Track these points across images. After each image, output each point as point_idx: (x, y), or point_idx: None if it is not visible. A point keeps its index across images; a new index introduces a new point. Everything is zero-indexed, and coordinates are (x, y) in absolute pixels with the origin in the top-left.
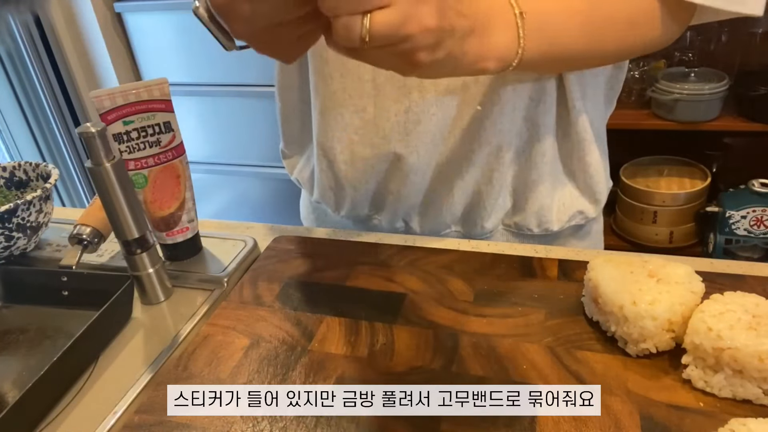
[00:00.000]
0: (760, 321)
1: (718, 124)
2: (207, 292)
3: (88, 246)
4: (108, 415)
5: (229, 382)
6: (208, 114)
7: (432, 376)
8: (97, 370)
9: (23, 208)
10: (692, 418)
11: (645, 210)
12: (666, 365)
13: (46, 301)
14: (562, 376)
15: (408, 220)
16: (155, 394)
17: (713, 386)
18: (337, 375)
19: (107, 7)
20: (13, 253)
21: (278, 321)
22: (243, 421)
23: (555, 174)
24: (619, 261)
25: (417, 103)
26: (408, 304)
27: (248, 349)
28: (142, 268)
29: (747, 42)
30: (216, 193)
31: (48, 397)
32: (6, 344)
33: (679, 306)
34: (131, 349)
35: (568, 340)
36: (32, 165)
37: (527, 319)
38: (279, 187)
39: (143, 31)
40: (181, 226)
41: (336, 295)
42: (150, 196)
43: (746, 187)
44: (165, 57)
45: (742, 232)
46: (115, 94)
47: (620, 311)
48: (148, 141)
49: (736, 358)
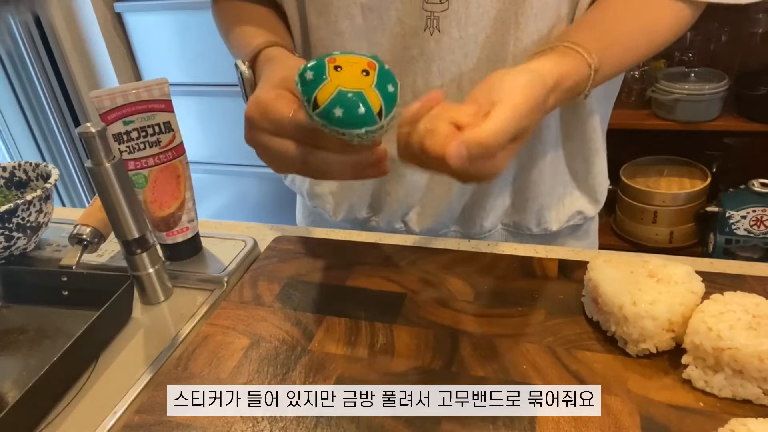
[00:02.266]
0: (760, 321)
1: (718, 124)
2: (207, 292)
3: (88, 246)
4: (108, 415)
5: (229, 382)
6: (208, 114)
7: (432, 376)
8: (97, 370)
9: (23, 208)
10: (692, 418)
11: (645, 210)
12: (666, 365)
13: (46, 301)
14: (562, 376)
15: (406, 220)
16: (155, 394)
17: (713, 386)
18: (337, 375)
19: (107, 7)
20: (13, 253)
21: (278, 321)
22: (243, 421)
23: (557, 174)
24: (619, 261)
25: None
26: (408, 304)
27: (248, 349)
28: (142, 268)
29: (747, 42)
30: (216, 193)
31: (48, 397)
32: (6, 344)
33: (679, 306)
34: (131, 349)
35: (568, 340)
36: (32, 165)
37: (527, 319)
38: (279, 187)
39: (143, 31)
40: (181, 226)
41: (336, 295)
42: (150, 196)
43: (746, 187)
44: (165, 57)
45: (742, 232)
46: (115, 94)
47: (620, 311)
48: (148, 141)
49: (736, 358)
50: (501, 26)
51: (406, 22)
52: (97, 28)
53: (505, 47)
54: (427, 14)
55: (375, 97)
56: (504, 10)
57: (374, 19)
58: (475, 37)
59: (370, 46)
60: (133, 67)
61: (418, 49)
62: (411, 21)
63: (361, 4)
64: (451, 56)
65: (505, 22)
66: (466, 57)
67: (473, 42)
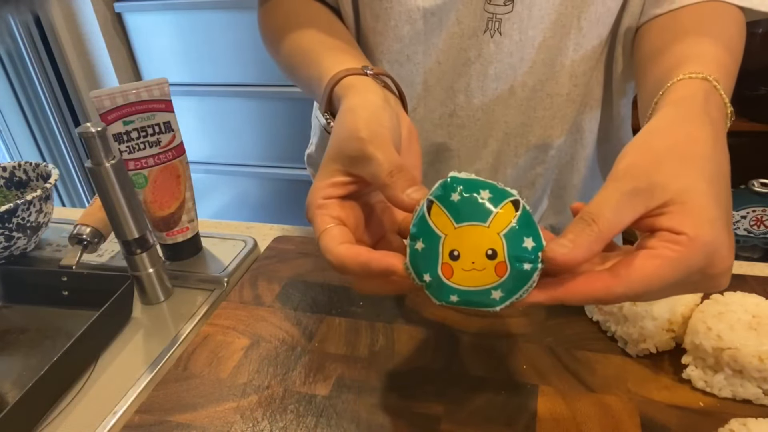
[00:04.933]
0: (760, 321)
1: None
2: (207, 292)
3: (88, 246)
4: (108, 415)
5: (229, 382)
6: (208, 114)
7: (432, 376)
8: (97, 370)
9: (23, 208)
10: (692, 418)
11: None
12: (666, 365)
13: (46, 301)
14: (562, 376)
15: None
16: (155, 394)
17: (713, 386)
18: (337, 375)
19: (107, 7)
20: (13, 253)
21: (278, 321)
22: (243, 421)
23: (594, 177)
24: None
25: (462, 107)
26: (408, 304)
27: (248, 349)
28: (142, 268)
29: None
30: (216, 193)
31: (48, 397)
32: (6, 344)
33: (679, 306)
34: (131, 349)
35: (568, 340)
36: (32, 165)
37: (527, 319)
38: (279, 187)
39: (143, 31)
40: (181, 226)
41: (336, 295)
42: (150, 196)
43: (746, 187)
44: (165, 57)
45: (742, 232)
46: (115, 94)
47: (620, 311)
48: (148, 141)
49: (736, 358)
50: (561, 29)
51: (465, 23)
52: (97, 28)
53: (564, 52)
54: (489, 16)
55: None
56: (566, 14)
57: (435, 23)
58: (533, 40)
59: (427, 49)
60: (133, 67)
61: (475, 51)
62: (470, 22)
63: (424, 9)
64: (509, 59)
65: (565, 25)
66: (522, 60)
67: (531, 45)
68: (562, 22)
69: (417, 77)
